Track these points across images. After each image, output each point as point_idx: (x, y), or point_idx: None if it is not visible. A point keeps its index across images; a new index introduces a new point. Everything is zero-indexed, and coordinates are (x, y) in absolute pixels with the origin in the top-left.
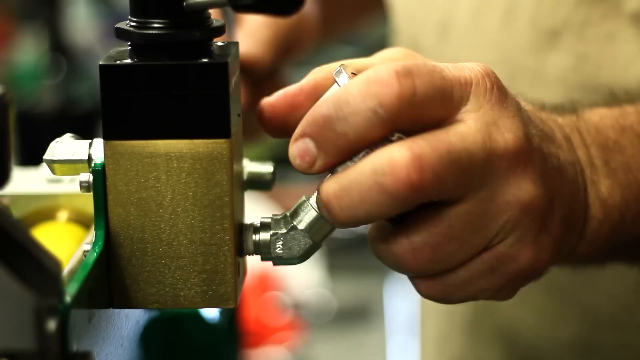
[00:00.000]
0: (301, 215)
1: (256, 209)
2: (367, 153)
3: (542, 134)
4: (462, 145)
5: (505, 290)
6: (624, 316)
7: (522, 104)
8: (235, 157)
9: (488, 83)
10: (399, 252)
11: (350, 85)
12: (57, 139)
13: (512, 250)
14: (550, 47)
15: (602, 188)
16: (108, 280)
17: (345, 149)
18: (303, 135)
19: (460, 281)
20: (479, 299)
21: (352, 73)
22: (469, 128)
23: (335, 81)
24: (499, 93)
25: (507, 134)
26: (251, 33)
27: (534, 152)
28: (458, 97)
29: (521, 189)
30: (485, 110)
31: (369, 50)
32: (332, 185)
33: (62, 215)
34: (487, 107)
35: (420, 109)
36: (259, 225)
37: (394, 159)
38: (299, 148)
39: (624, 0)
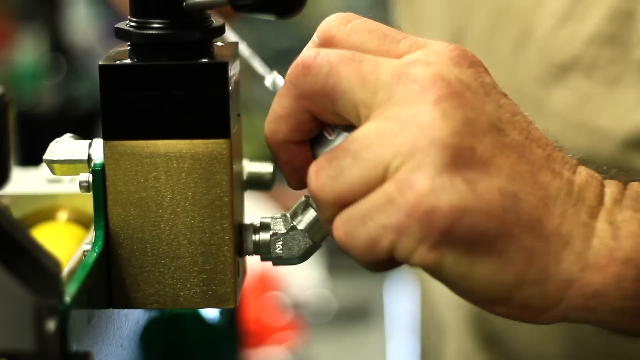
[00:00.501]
0: (301, 216)
1: (256, 209)
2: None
3: (512, 120)
4: (373, 58)
5: (408, 236)
6: (609, 346)
7: (512, 107)
8: (235, 157)
9: (451, 46)
10: (309, 172)
11: None
12: (57, 139)
13: (408, 175)
14: (556, 81)
15: (619, 217)
16: (108, 281)
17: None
18: None
19: (361, 214)
20: (383, 242)
21: None
22: (392, 56)
23: None
24: (459, 56)
25: (430, 68)
26: None
27: (463, 97)
28: (405, 47)
29: (426, 114)
30: (427, 55)
31: None
32: None
33: (62, 215)
34: (431, 55)
35: (352, 37)
36: (258, 225)
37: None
38: None
39: (634, 47)
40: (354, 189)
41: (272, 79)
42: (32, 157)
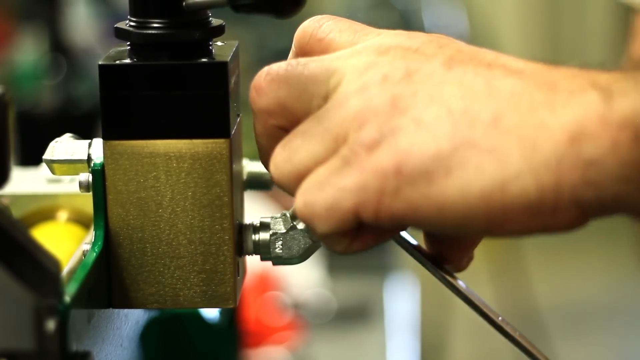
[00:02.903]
0: None
1: (256, 209)
2: None
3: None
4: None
5: (367, 191)
6: None
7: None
8: (235, 157)
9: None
10: (269, 165)
11: None
12: (57, 139)
13: (358, 135)
14: None
15: (608, 82)
16: (107, 280)
17: None
18: None
19: (318, 181)
20: (343, 205)
21: None
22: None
23: None
24: (408, 35)
25: (373, 44)
26: None
27: (396, 52)
28: (369, 37)
29: (367, 77)
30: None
31: None
32: None
33: (62, 215)
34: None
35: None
36: (258, 225)
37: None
38: None
39: None
40: (308, 164)
41: None
42: (32, 157)
